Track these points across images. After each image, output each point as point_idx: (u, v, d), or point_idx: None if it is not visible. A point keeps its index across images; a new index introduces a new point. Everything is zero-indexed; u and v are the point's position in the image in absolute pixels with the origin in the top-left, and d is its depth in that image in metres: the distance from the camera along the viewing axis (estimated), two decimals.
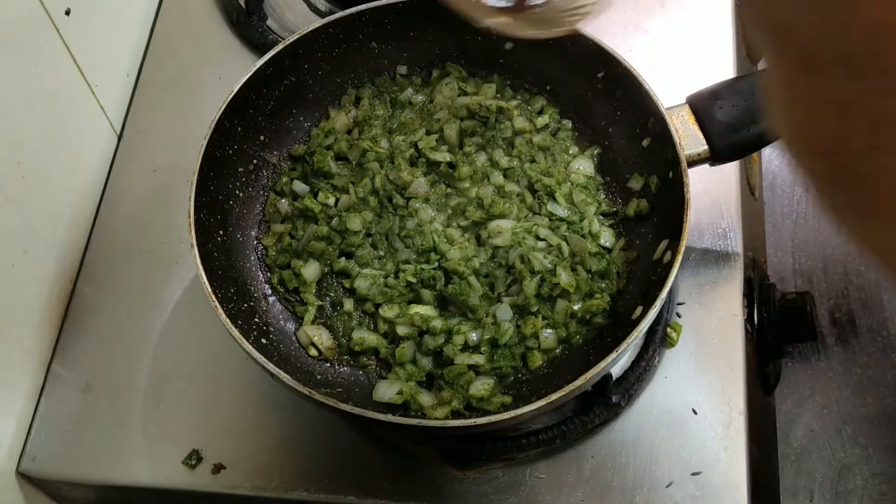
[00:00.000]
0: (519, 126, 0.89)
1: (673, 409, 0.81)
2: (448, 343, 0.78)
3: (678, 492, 0.77)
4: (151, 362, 0.87)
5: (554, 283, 0.78)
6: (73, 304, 0.91)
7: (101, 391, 0.86)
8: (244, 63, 0.99)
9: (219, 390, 0.85)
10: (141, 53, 1.06)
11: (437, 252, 0.82)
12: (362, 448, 0.81)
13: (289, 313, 0.84)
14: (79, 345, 0.89)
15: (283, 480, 0.80)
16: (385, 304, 0.81)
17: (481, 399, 0.75)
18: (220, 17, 1.07)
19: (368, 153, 0.89)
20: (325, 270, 0.84)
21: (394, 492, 0.79)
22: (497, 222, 0.83)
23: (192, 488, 0.82)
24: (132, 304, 0.91)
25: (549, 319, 0.79)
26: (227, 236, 0.84)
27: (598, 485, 0.78)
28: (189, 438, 0.83)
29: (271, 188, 0.89)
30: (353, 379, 0.80)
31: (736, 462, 0.78)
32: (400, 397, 0.76)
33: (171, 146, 0.99)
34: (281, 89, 0.87)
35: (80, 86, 0.93)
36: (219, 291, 0.74)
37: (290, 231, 0.86)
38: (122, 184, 0.98)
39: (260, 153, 0.88)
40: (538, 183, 0.86)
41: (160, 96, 1.03)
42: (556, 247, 0.82)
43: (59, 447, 0.84)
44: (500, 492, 0.79)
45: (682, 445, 0.79)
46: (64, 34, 0.88)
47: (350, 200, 0.86)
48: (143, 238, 0.94)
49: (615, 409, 0.80)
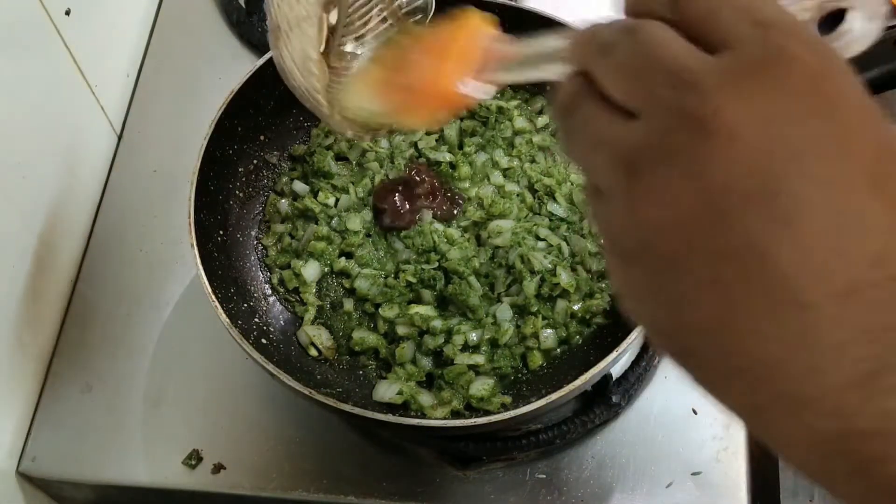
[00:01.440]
0: (519, 126, 0.89)
1: (673, 409, 0.81)
2: (448, 343, 0.78)
3: (678, 492, 0.77)
4: (151, 362, 0.87)
5: (554, 283, 0.78)
6: (73, 304, 0.91)
7: (101, 391, 0.86)
8: (244, 63, 0.99)
9: (219, 390, 0.85)
10: (141, 53, 1.06)
11: (437, 252, 0.82)
12: (362, 448, 0.81)
13: (289, 313, 0.84)
14: (79, 345, 0.89)
15: (282, 480, 0.80)
16: (385, 304, 0.81)
17: (481, 399, 0.75)
18: (220, 17, 1.07)
19: (368, 153, 0.89)
20: (325, 270, 0.84)
21: (394, 492, 0.79)
22: (497, 222, 0.83)
23: (192, 488, 0.82)
24: (132, 304, 0.91)
25: (549, 319, 0.79)
26: (227, 236, 0.84)
27: (598, 485, 0.78)
28: (189, 438, 0.83)
29: (271, 188, 0.89)
30: (353, 379, 0.80)
31: (736, 462, 0.78)
32: (400, 397, 0.76)
33: (171, 146, 0.99)
34: (281, 89, 0.85)
35: (80, 86, 0.93)
36: (219, 291, 0.74)
37: (290, 231, 0.86)
38: (122, 184, 0.98)
39: (260, 153, 0.88)
40: (538, 183, 0.86)
41: (160, 96, 1.03)
42: (556, 247, 0.82)
43: (59, 447, 0.84)
44: (500, 492, 0.79)
45: (682, 445, 0.79)
46: (64, 34, 0.88)
47: (350, 200, 0.86)
48: (143, 238, 0.94)
49: (615, 409, 0.80)
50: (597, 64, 0.34)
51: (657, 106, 0.31)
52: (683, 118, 0.30)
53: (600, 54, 0.34)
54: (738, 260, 0.29)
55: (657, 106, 0.31)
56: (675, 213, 0.30)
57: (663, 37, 0.32)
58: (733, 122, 0.29)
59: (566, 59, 0.38)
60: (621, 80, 0.33)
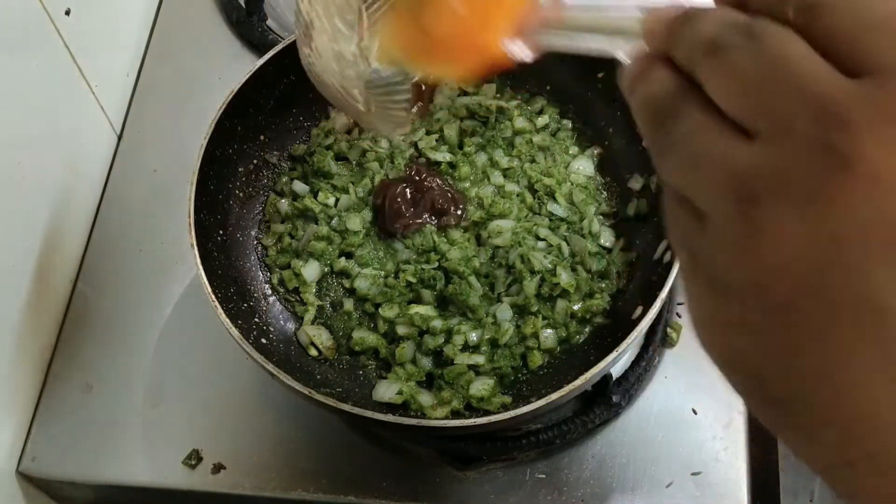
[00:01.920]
0: (519, 126, 0.89)
1: (673, 409, 0.81)
2: (448, 343, 0.78)
3: (678, 492, 0.77)
4: (151, 362, 0.87)
5: (554, 283, 0.78)
6: (73, 304, 0.91)
7: (101, 391, 0.86)
8: (244, 63, 0.99)
9: (219, 390, 0.85)
10: (141, 53, 1.06)
11: (437, 252, 0.82)
12: (362, 448, 0.81)
13: (289, 313, 0.84)
14: (79, 345, 0.89)
15: (282, 480, 0.80)
16: (385, 304, 0.81)
17: (481, 399, 0.75)
18: (220, 17, 1.07)
19: (368, 153, 0.89)
20: (325, 270, 0.84)
21: (393, 492, 0.79)
22: (497, 222, 0.83)
23: (192, 488, 0.81)
24: (132, 304, 0.91)
25: (549, 319, 0.79)
26: (227, 236, 0.84)
27: (598, 485, 0.78)
28: (189, 438, 0.83)
29: (271, 188, 0.89)
30: (352, 379, 0.80)
31: (736, 462, 0.78)
32: (400, 397, 0.76)
33: (171, 146, 0.99)
34: (281, 89, 0.86)
35: (80, 86, 0.93)
36: (219, 291, 0.74)
37: (290, 231, 0.86)
38: (122, 184, 0.98)
39: (260, 153, 0.88)
40: (538, 183, 0.86)
41: (160, 96, 1.03)
42: (556, 247, 0.82)
43: (59, 447, 0.84)
44: (500, 492, 0.79)
45: (682, 445, 0.79)
46: (64, 34, 0.88)
47: (350, 200, 0.86)
48: (143, 238, 0.94)
49: (615, 409, 0.80)
50: (703, 63, 0.31)
51: (791, 132, 0.28)
52: (826, 154, 0.27)
53: (709, 52, 0.30)
54: (858, 311, 0.28)
55: (791, 132, 0.28)
56: (797, 256, 0.28)
57: (797, 50, 0.29)
58: (882, 168, 0.27)
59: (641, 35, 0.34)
60: (741, 92, 0.29)
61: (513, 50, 0.46)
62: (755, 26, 0.30)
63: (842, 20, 0.29)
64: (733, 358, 0.32)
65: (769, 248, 0.28)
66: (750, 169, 0.28)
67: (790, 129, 0.28)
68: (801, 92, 0.28)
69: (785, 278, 0.28)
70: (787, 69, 0.28)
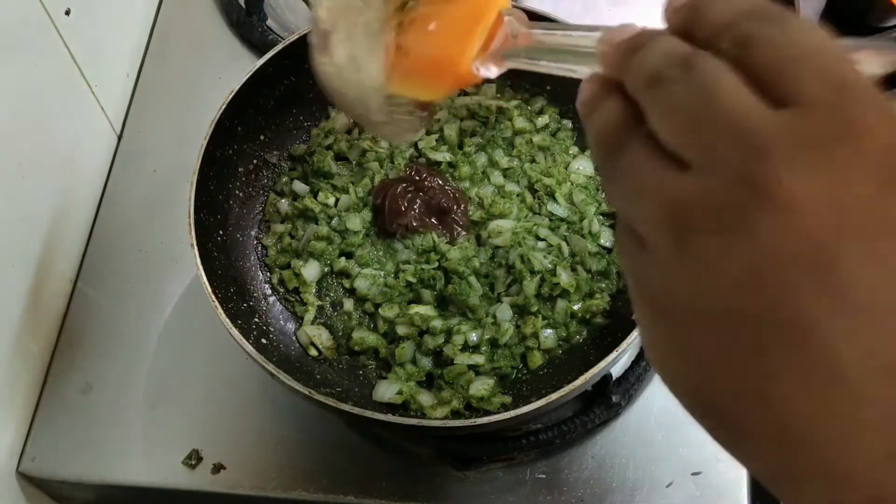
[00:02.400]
0: (519, 126, 0.89)
1: (673, 409, 0.81)
2: (448, 343, 0.78)
3: (678, 492, 0.77)
4: (151, 362, 0.87)
5: (554, 283, 0.78)
6: (73, 304, 0.91)
7: (101, 391, 0.86)
8: (244, 63, 0.99)
9: (219, 390, 0.85)
10: (141, 53, 1.06)
11: (437, 252, 0.82)
12: (362, 448, 0.81)
13: (289, 313, 0.84)
14: (79, 345, 0.89)
15: (282, 480, 0.80)
16: (385, 303, 0.81)
17: (481, 399, 0.75)
18: (220, 17, 1.07)
19: (368, 153, 0.89)
20: (325, 270, 0.84)
21: (393, 492, 0.79)
22: (497, 222, 0.83)
23: (192, 488, 0.81)
24: (132, 304, 0.91)
25: (549, 319, 0.79)
26: (227, 236, 0.84)
27: (598, 485, 0.78)
28: (189, 438, 0.83)
29: (271, 188, 0.89)
30: (352, 379, 0.80)
31: (736, 462, 0.78)
32: (400, 397, 0.76)
33: (171, 146, 0.99)
34: (281, 89, 0.86)
35: (80, 86, 0.93)
36: (219, 291, 0.74)
37: (290, 231, 0.86)
38: (122, 184, 0.98)
39: (260, 153, 0.88)
40: (538, 183, 0.86)
41: (160, 96, 1.03)
42: (556, 247, 0.82)
43: (59, 447, 0.84)
44: (500, 492, 0.79)
45: (682, 445, 0.79)
46: (64, 34, 0.88)
47: (350, 200, 0.86)
48: (143, 238, 0.94)
49: (615, 409, 0.80)
50: (645, 95, 0.32)
51: (716, 164, 0.29)
52: (745, 184, 0.28)
53: (650, 84, 0.32)
54: (784, 329, 0.29)
55: (716, 164, 0.29)
56: (725, 280, 0.29)
57: (726, 83, 0.30)
58: (798, 195, 0.28)
59: (599, 59, 0.36)
60: (675, 126, 0.31)
61: (482, 72, 0.47)
62: (692, 60, 0.31)
63: (771, 53, 0.30)
64: (677, 377, 0.33)
65: (699, 273, 0.30)
66: (682, 198, 0.30)
67: (716, 160, 0.29)
68: (726, 125, 0.29)
69: (713, 300, 0.30)
70: (715, 103, 0.30)
